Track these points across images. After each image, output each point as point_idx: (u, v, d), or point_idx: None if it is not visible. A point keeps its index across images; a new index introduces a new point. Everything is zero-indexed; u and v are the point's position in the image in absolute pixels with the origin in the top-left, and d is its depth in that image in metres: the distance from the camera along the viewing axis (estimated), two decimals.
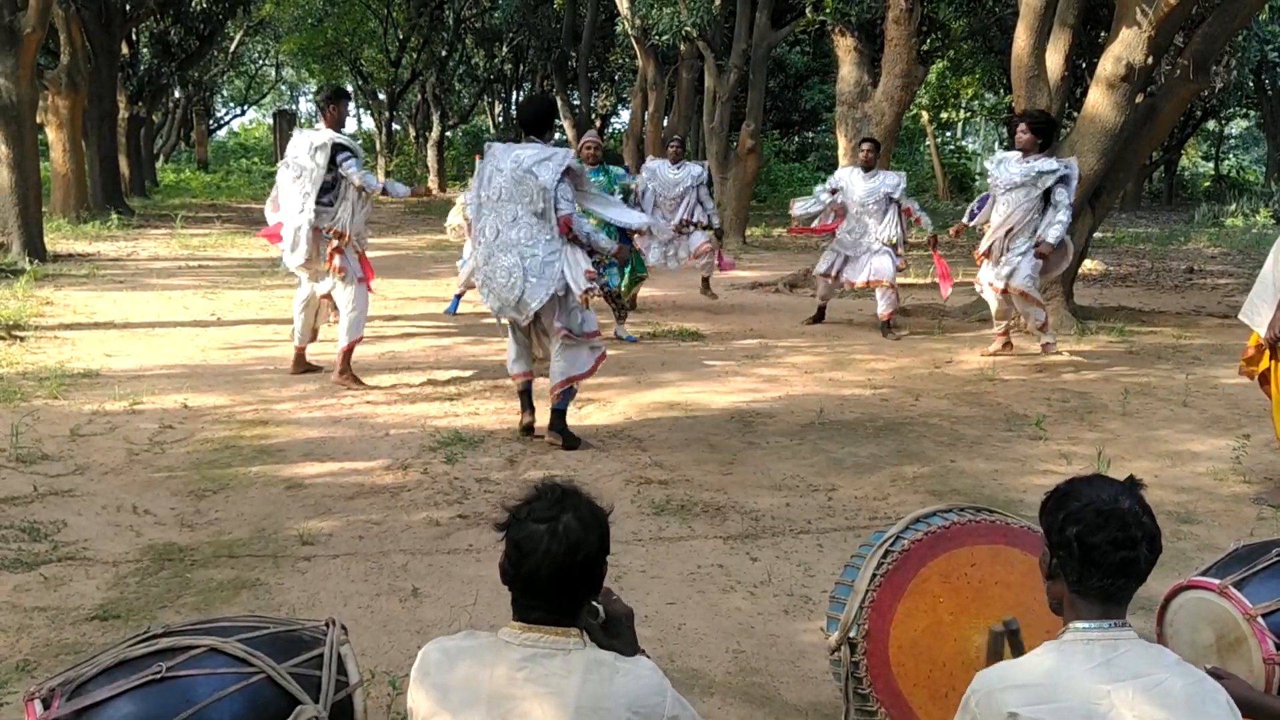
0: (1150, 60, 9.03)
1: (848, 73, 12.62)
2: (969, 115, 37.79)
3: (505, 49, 29.12)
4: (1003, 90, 25.14)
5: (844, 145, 12.48)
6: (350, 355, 6.97)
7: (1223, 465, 5.63)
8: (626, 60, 26.57)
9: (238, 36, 30.79)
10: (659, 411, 6.56)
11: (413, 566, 4.17)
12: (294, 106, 48.29)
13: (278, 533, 4.47)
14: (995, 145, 42.29)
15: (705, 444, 5.89)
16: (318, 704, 1.97)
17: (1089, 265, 13.57)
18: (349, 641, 2.16)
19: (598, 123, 30.00)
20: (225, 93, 44.29)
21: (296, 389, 6.86)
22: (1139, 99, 9.81)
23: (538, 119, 5.68)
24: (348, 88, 6.51)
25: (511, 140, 5.92)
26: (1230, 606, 2.42)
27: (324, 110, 6.85)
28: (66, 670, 1.98)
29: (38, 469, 5.13)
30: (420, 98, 33.13)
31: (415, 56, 30.27)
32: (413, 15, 29.02)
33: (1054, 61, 9.74)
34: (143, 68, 24.23)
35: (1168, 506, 4.90)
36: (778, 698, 3.28)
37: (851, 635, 2.64)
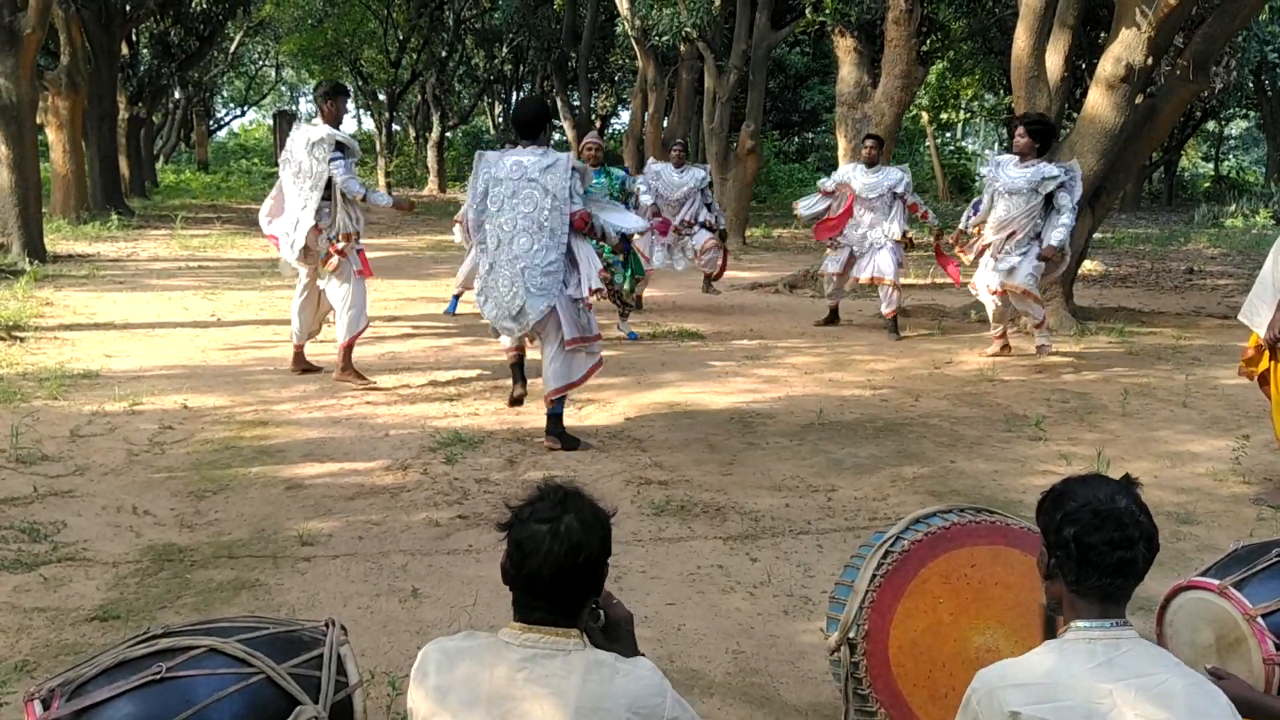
0: (1150, 61, 9.03)
1: (847, 73, 12.63)
2: (969, 116, 37.82)
3: (505, 50, 29.14)
4: (1003, 91, 25.15)
5: (844, 146, 12.49)
6: (350, 352, 6.98)
7: (1222, 466, 5.63)
8: (626, 61, 26.60)
9: (238, 37, 30.82)
10: (659, 412, 6.56)
11: (412, 567, 4.17)
12: (294, 107, 48.32)
13: (277, 533, 4.48)
14: (995, 146, 42.35)
15: (705, 444, 5.89)
16: (317, 704, 1.97)
17: (1089, 266, 13.57)
18: (348, 642, 2.16)
19: (597, 123, 30.02)
20: (225, 93, 44.32)
21: (296, 389, 6.86)
22: (1139, 100, 9.81)
23: (534, 122, 5.64)
24: (346, 85, 6.47)
25: (508, 144, 5.90)
26: (1230, 607, 2.42)
27: (322, 106, 6.85)
28: (66, 671, 1.98)
29: (37, 469, 5.13)
30: (420, 98, 33.16)
31: (415, 57, 30.29)
32: (413, 16, 29.03)
33: (1054, 62, 9.75)
34: (143, 68, 24.25)
35: (1167, 507, 4.90)
36: (777, 698, 3.28)
37: (851, 636, 2.64)
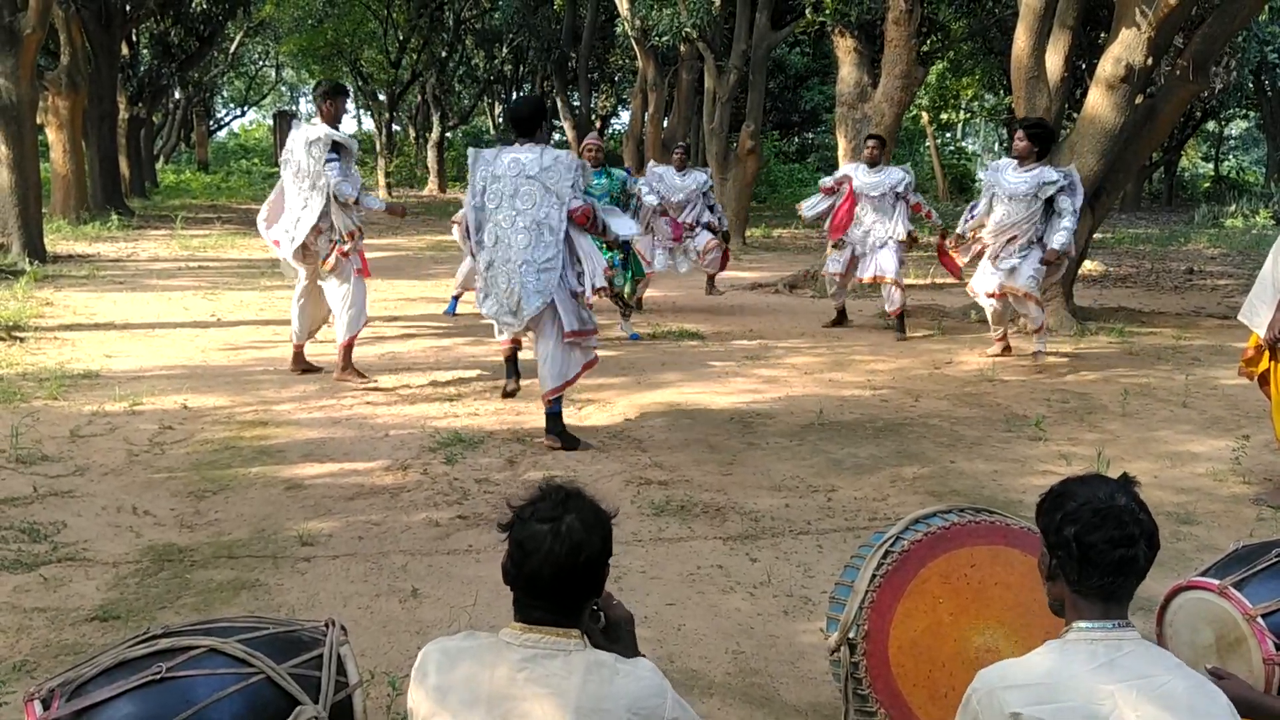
0: (1150, 61, 9.03)
1: (847, 74, 12.63)
2: (969, 116, 37.84)
3: (505, 50, 29.15)
4: (1002, 91, 25.18)
5: (844, 146, 12.49)
6: (350, 351, 6.99)
7: (1222, 466, 5.63)
8: (626, 61, 26.59)
9: (238, 37, 30.82)
10: (659, 412, 6.56)
11: (412, 567, 4.17)
12: (294, 107, 48.31)
13: (277, 533, 4.48)
14: (995, 146, 42.38)
15: (705, 445, 5.89)
16: (317, 704, 1.97)
17: (1089, 266, 13.57)
18: (348, 642, 2.16)
19: (597, 124, 30.03)
20: (225, 94, 44.32)
21: (296, 390, 6.86)
22: (1139, 100, 9.81)
23: (530, 119, 5.68)
24: (345, 85, 6.49)
25: (502, 142, 5.93)
26: (1230, 607, 2.42)
27: (321, 106, 6.85)
28: (66, 671, 1.98)
29: (38, 470, 5.13)
30: (420, 99, 33.17)
31: (415, 57, 30.29)
32: (413, 16, 29.04)
33: (1054, 63, 9.75)
34: (143, 68, 24.26)
35: (1167, 507, 4.90)
36: (777, 698, 3.28)
37: (851, 636, 2.64)
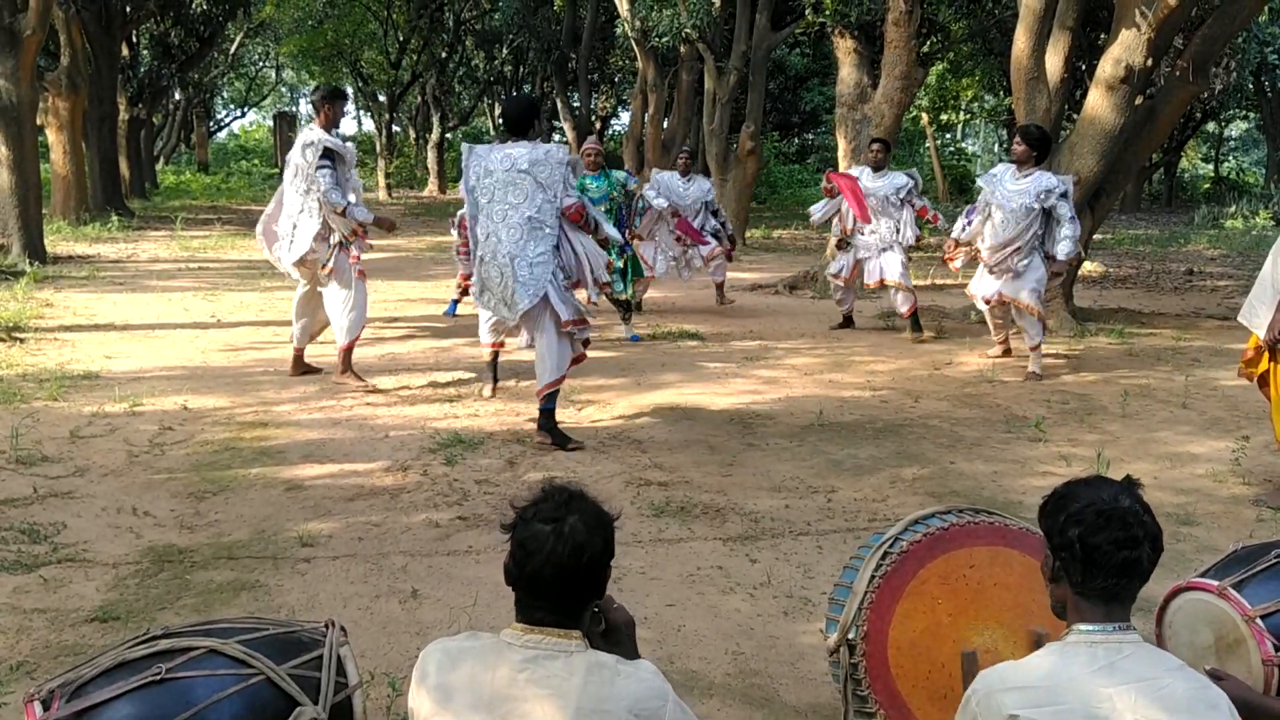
0: (1150, 62, 9.03)
1: (847, 75, 12.64)
2: (969, 117, 37.86)
3: (505, 51, 29.15)
4: (1002, 92, 25.18)
5: (844, 147, 12.49)
6: (350, 354, 6.98)
7: (1222, 467, 5.63)
8: (626, 62, 26.59)
9: (238, 38, 30.82)
10: (659, 413, 6.56)
11: (412, 568, 4.17)
12: (294, 108, 48.29)
13: (277, 534, 4.48)
14: (995, 147, 42.39)
15: (705, 445, 5.89)
16: (317, 705, 1.97)
17: (1088, 267, 13.57)
18: (348, 643, 2.17)
19: (597, 125, 30.03)
20: (225, 95, 44.31)
21: (296, 391, 6.86)
22: (1138, 101, 9.81)
23: (522, 118, 5.72)
24: (345, 88, 6.52)
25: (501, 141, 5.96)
26: (1229, 608, 2.42)
27: (319, 109, 6.86)
28: (66, 672, 1.98)
29: (37, 471, 5.13)
30: (420, 99, 33.18)
31: (415, 58, 30.30)
32: (413, 17, 29.05)
33: (1054, 64, 9.75)
34: (143, 69, 24.26)
35: (1167, 508, 4.90)
36: (777, 699, 3.28)
37: (850, 637, 2.64)
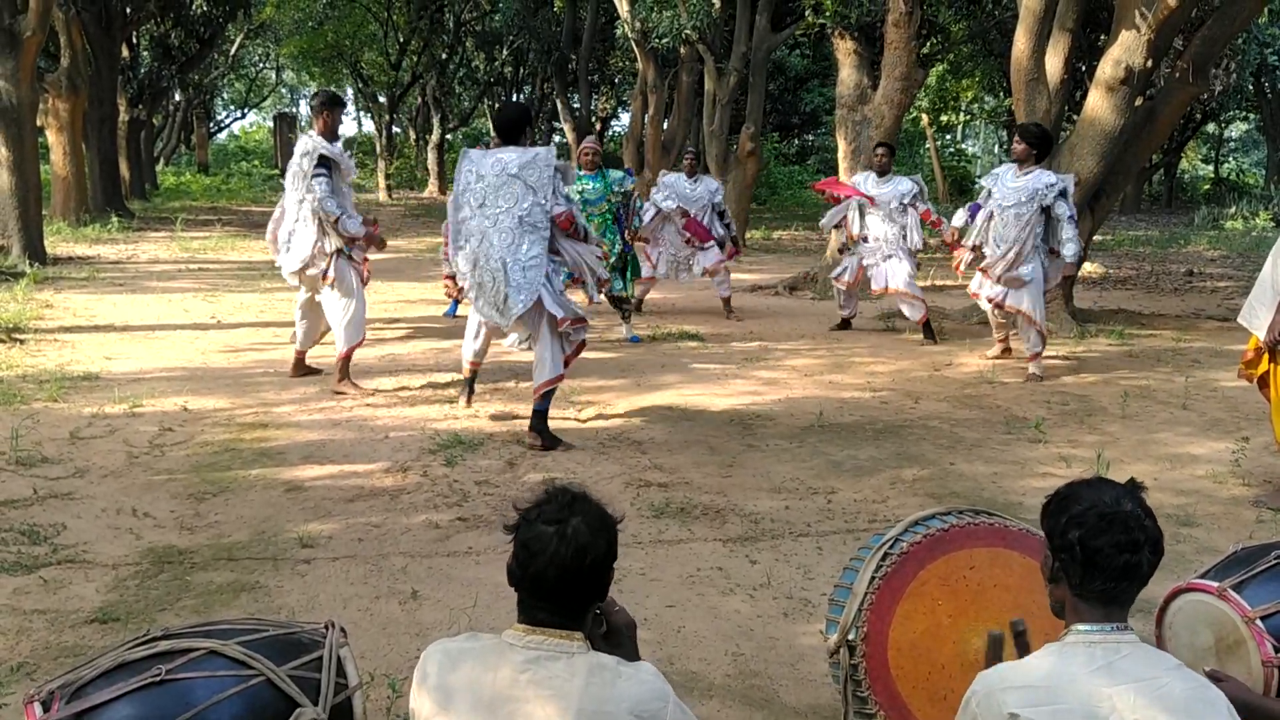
0: (1149, 63, 9.03)
1: (847, 76, 12.62)
2: (969, 118, 37.85)
3: (505, 52, 29.15)
4: (1002, 93, 25.19)
5: (844, 148, 12.47)
6: (348, 362, 6.94)
7: (1222, 468, 5.63)
8: (626, 63, 26.60)
9: (238, 39, 30.81)
10: (659, 414, 6.56)
11: (412, 569, 4.17)
12: (294, 109, 48.29)
13: (277, 535, 4.48)
14: (995, 148, 42.38)
15: (705, 446, 5.89)
16: (317, 706, 1.97)
17: (1088, 268, 13.57)
18: (348, 644, 2.16)
19: (597, 126, 30.03)
20: (225, 96, 44.31)
21: (296, 392, 6.86)
22: (1138, 102, 9.81)
23: (513, 125, 5.71)
24: (342, 93, 6.54)
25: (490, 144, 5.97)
26: (1229, 609, 2.42)
27: (317, 116, 6.86)
28: (66, 673, 1.98)
29: (37, 472, 5.13)
30: (420, 101, 33.18)
31: (415, 59, 30.29)
32: (413, 18, 29.05)
33: (1053, 65, 9.75)
34: (143, 71, 24.25)
35: (1167, 509, 4.90)
36: (777, 700, 3.28)
37: (850, 638, 2.64)
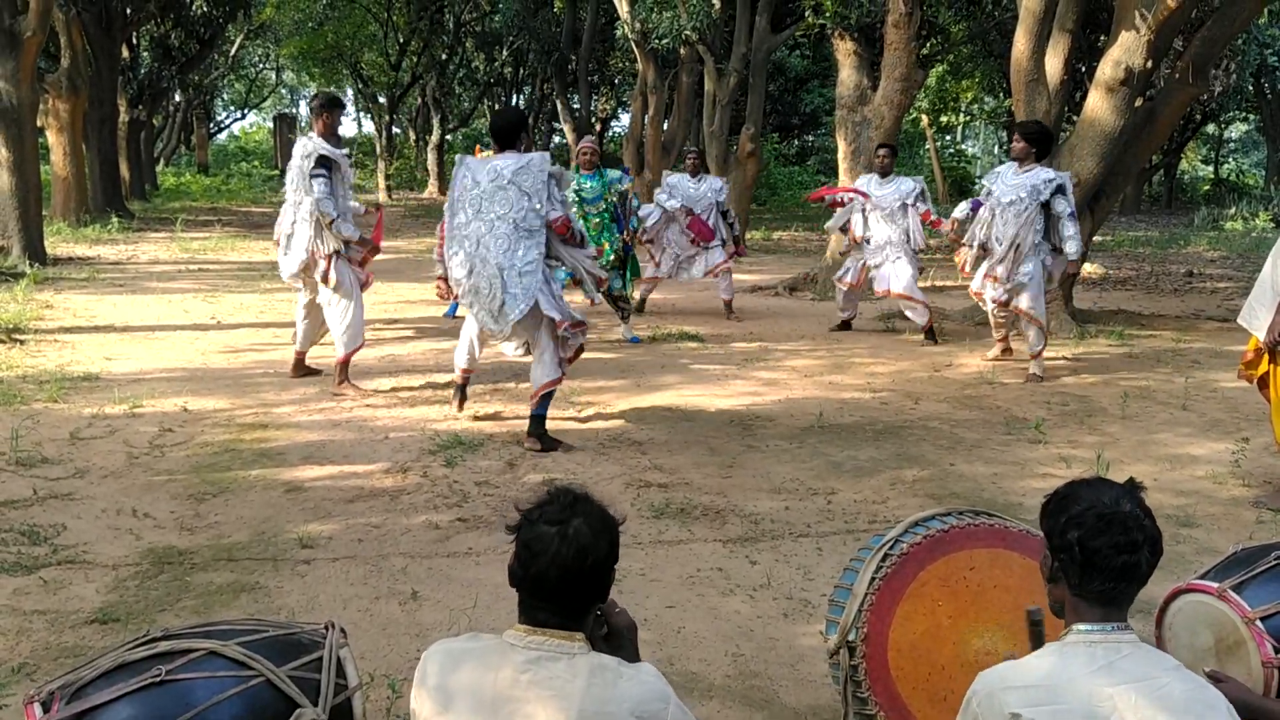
0: (1149, 64, 9.03)
1: (847, 76, 12.62)
2: (969, 119, 37.85)
3: (505, 53, 29.17)
4: (1002, 94, 25.19)
5: (844, 149, 12.47)
6: (348, 365, 6.92)
7: (1222, 469, 5.63)
8: (626, 64, 26.62)
9: (238, 40, 30.83)
10: (659, 415, 6.56)
11: (412, 570, 4.17)
12: (294, 110, 48.31)
13: (277, 536, 4.47)
14: (995, 149, 42.38)
15: (705, 447, 5.89)
16: (317, 707, 1.97)
17: (1088, 269, 13.57)
18: (348, 644, 2.16)
19: (597, 126, 30.06)
20: (225, 96, 44.34)
21: (296, 392, 6.86)
22: (1138, 103, 9.81)
23: (508, 131, 5.71)
24: (342, 94, 6.55)
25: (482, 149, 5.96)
26: (1229, 610, 2.42)
27: (316, 118, 6.86)
28: (66, 673, 1.98)
29: (37, 472, 5.13)
30: (420, 101, 33.20)
31: (415, 60, 30.31)
32: (413, 19, 29.07)
33: (1053, 65, 9.75)
34: (143, 71, 24.26)
35: (1167, 510, 4.90)
36: (777, 701, 3.28)
37: (850, 639, 2.64)
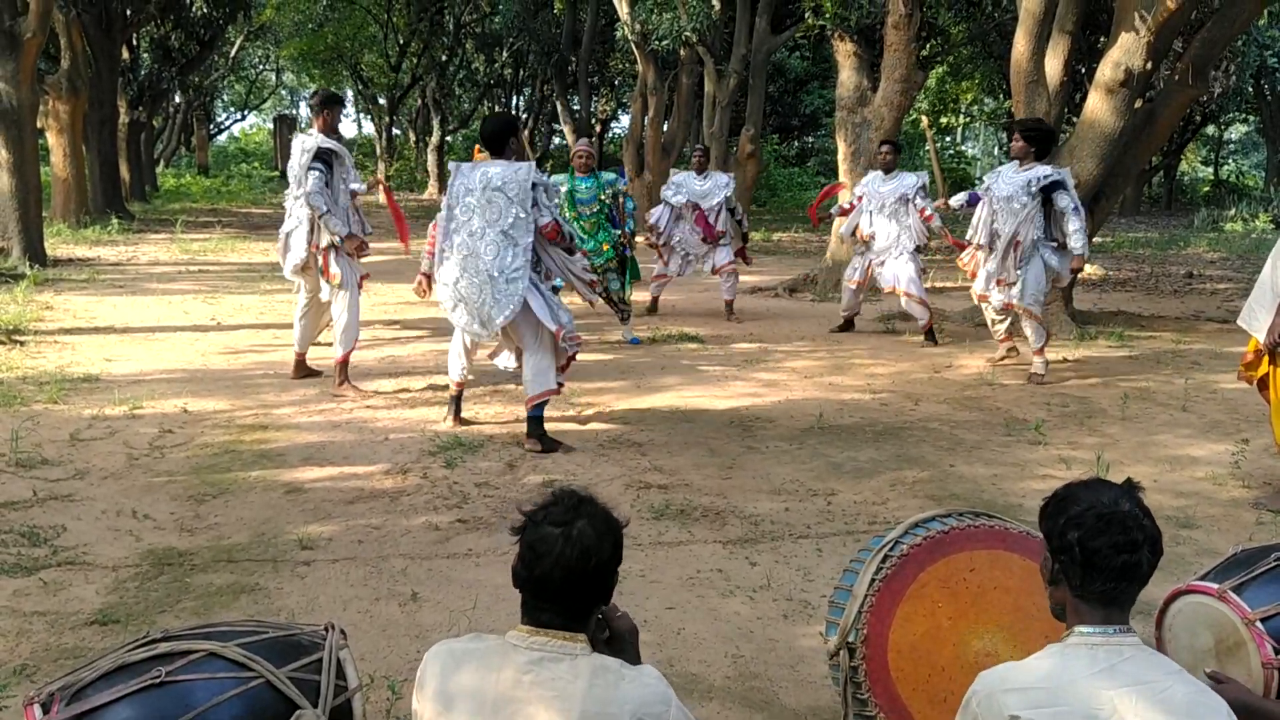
0: (1149, 65, 9.04)
1: (847, 78, 12.63)
2: (968, 120, 37.85)
3: (505, 54, 29.19)
4: (1002, 95, 25.19)
5: (844, 150, 12.48)
6: (347, 364, 6.94)
7: (1222, 470, 5.63)
8: (626, 65, 26.63)
9: (238, 41, 30.83)
10: (659, 416, 6.56)
11: (412, 571, 4.17)
12: (294, 111, 48.30)
13: (277, 537, 4.47)
14: (995, 150, 42.37)
15: (705, 448, 5.89)
16: (317, 708, 1.97)
17: (1088, 270, 13.57)
18: (348, 646, 2.17)
19: (597, 128, 30.06)
20: (226, 98, 44.35)
21: (296, 394, 6.86)
22: (1138, 104, 9.82)
23: (497, 136, 5.73)
24: (341, 92, 6.53)
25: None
26: (1229, 611, 2.42)
27: (316, 115, 6.87)
28: (66, 675, 1.98)
29: (37, 474, 5.13)
30: (420, 102, 33.21)
31: (415, 61, 30.32)
32: (413, 20, 29.09)
33: (1053, 67, 9.75)
34: (143, 72, 24.26)
35: (1167, 511, 4.90)
36: (776, 702, 3.28)
37: (850, 640, 2.64)
